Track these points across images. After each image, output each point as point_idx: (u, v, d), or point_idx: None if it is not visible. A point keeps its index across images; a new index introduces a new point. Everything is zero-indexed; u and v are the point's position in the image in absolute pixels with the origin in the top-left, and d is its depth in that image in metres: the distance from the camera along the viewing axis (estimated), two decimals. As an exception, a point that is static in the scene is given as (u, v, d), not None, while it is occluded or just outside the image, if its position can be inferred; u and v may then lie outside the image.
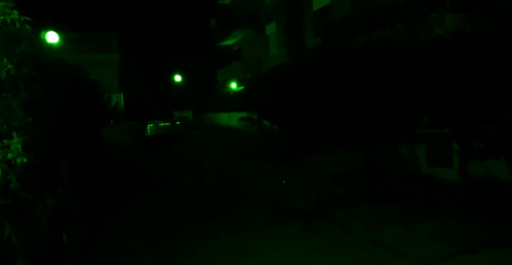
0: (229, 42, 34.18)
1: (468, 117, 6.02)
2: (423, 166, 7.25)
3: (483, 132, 5.86)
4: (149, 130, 21.54)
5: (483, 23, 5.95)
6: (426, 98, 6.64)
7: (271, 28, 27.17)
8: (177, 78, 35.01)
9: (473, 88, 5.84)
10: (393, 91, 7.32)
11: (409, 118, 7.13)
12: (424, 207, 5.93)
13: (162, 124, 21.61)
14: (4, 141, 3.02)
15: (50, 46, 6.47)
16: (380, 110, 7.65)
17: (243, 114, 23.55)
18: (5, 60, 3.11)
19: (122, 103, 28.45)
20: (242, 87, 27.06)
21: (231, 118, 27.12)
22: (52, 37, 14.17)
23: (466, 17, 6.60)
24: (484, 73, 5.70)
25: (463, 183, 6.38)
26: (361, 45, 8.26)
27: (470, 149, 6.14)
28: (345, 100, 8.51)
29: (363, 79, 7.93)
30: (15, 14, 3.05)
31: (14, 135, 3.02)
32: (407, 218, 5.46)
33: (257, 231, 5.47)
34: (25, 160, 3.12)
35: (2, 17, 2.99)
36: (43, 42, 5.81)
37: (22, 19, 3.15)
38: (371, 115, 7.94)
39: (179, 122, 22.14)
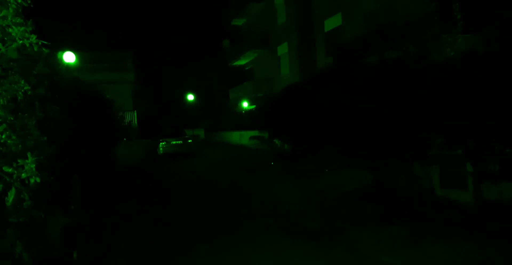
0: (241, 62, 34.58)
1: (482, 138, 5.95)
2: (436, 188, 7.14)
3: (497, 154, 5.78)
4: (161, 148, 21.74)
5: (494, 44, 5.94)
6: (438, 119, 6.59)
7: (282, 49, 27.45)
8: (190, 97, 35.34)
9: (486, 109, 5.79)
10: (406, 111, 7.29)
11: (422, 139, 7.07)
12: (438, 229, 5.81)
13: (174, 142, 21.79)
14: (18, 160, 3.07)
15: (66, 67, 6.59)
16: (393, 131, 7.61)
17: (254, 133, 23.59)
18: (22, 82, 3.19)
19: (136, 122, 28.73)
20: (253, 106, 27.21)
21: (242, 137, 27.20)
22: (69, 57, 14.47)
23: (479, 38, 6.59)
24: (497, 94, 5.66)
25: (477, 205, 6.26)
26: (372, 65, 8.28)
27: (484, 170, 6.04)
28: (357, 120, 8.48)
29: (375, 99, 7.92)
30: (33, 38, 3.16)
31: (29, 155, 3.06)
32: (420, 241, 5.35)
33: (265, 251, 5.40)
34: (38, 180, 3.16)
35: (21, 42, 3.08)
36: (59, 62, 5.94)
37: (40, 43, 3.25)
38: (383, 135, 7.89)
39: (191, 141, 22.28)
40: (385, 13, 16.24)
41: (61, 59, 13.24)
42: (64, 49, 14.33)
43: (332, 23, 21.67)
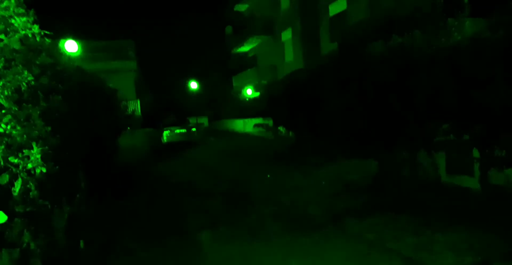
0: (244, 49, 34.32)
1: (489, 124, 5.90)
2: (442, 174, 7.10)
3: (504, 139, 5.72)
4: (165, 137, 21.77)
5: (501, 30, 5.84)
6: (445, 104, 6.53)
7: (286, 35, 27.19)
8: (193, 85, 35.25)
9: (493, 95, 5.72)
10: (412, 97, 7.22)
11: (428, 125, 7.01)
12: (444, 216, 5.78)
13: (178, 131, 21.81)
14: (24, 151, 3.07)
15: (68, 56, 6.58)
16: (398, 118, 7.55)
17: (258, 120, 23.57)
18: (25, 73, 3.17)
19: (139, 110, 28.75)
20: (257, 94, 27.12)
21: (246, 125, 27.17)
22: (71, 46, 14.43)
23: (487, 22, 6.49)
24: (505, 79, 5.59)
25: (484, 192, 6.23)
26: (378, 52, 8.19)
27: (491, 156, 5.99)
28: (362, 106, 8.43)
29: (380, 86, 7.85)
30: (36, 28, 3.14)
31: (34, 145, 3.06)
32: (426, 228, 5.34)
33: (270, 241, 5.41)
34: (44, 170, 3.18)
35: (24, 32, 3.06)
36: (62, 52, 5.92)
37: (42, 33, 3.23)
38: (388, 122, 7.84)
39: (194, 129, 22.30)
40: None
41: (63, 49, 13.18)
42: (65, 38, 14.28)
43: (336, 8, 21.39)
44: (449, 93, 6.42)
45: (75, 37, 15.74)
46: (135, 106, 28.12)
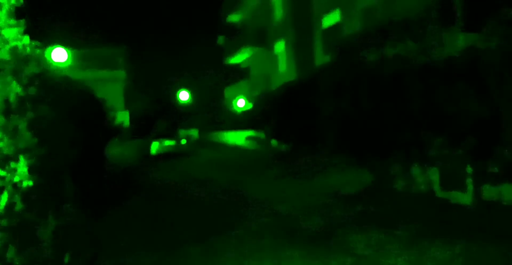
0: (237, 59, 34.32)
1: (483, 139, 5.88)
2: (436, 189, 7.06)
3: (497, 154, 5.71)
4: (154, 149, 21.49)
5: (494, 40, 5.88)
6: (438, 117, 6.52)
7: (280, 46, 27.27)
8: (184, 95, 35.14)
9: (487, 108, 5.72)
10: (405, 110, 7.20)
11: (422, 136, 6.99)
12: (438, 231, 5.71)
13: (167, 143, 21.58)
14: (11, 163, 2.97)
15: (57, 66, 6.50)
16: (392, 130, 7.52)
17: (250, 133, 23.45)
18: (14, 83, 3.08)
19: (128, 121, 28.51)
20: (250, 105, 27.05)
21: (238, 137, 27.03)
22: (60, 54, 14.28)
23: (479, 35, 6.53)
24: (497, 92, 5.59)
25: (477, 207, 6.19)
26: (372, 63, 8.20)
27: (484, 172, 5.97)
28: (355, 118, 8.38)
29: (373, 98, 7.83)
30: (26, 39, 3.10)
31: (21, 158, 2.96)
32: (420, 243, 5.26)
33: (261, 253, 5.31)
34: (31, 184, 3.09)
35: (14, 43, 3.00)
36: (50, 61, 5.85)
37: (33, 44, 3.18)
38: (383, 135, 7.80)
39: (184, 141, 22.12)
40: (384, 9, 16.19)
41: (51, 58, 13.04)
42: (54, 45, 14.13)
43: (330, 19, 21.52)
44: (442, 104, 6.42)
45: (64, 44, 15.58)
46: (124, 117, 27.90)
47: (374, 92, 7.80)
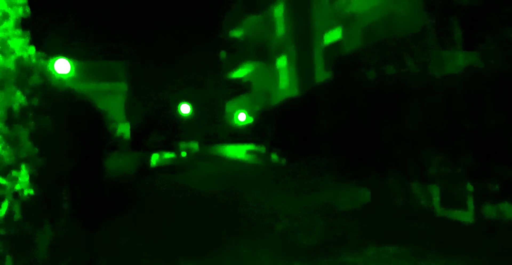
0: (238, 74, 34.53)
1: (482, 157, 5.90)
2: (436, 206, 7.04)
3: (497, 173, 5.72)
4: (154, 161, 21.45)
5: (492, 59, 5.95)
6: (437, 136, 6.54)
7: (281, 62, 27.47)
8: (185, 108, 35.17)
9: (486, 128, 5.75)
10: (404, 128, 7.23)
11: (421, 156, 7.00)
12: (437, 249, 5.66)
13: (167, 155, 21.54)
14: (13, 172, 2.99)
15: (59, 77, 6.55)
16: (391, 147, 7.54)
17: (251, 147, 23.47)
18: (18, 93, 3.12)
19: (128, 133, 28.51)
20: (251, 120, 27.12)
21: (238, 151, 26.99)
22: (62, 65, 14.39)
23: (479, 55, 6.60)
24: (497, 111, 5.63)
25: (478, 225, 6.17)
26: (371, 81, 8.27)
27: (484, 190, 5.97)
28: (353, 134, 8.42)
29: (372, 115, 7.88)
30: (32, 50, 3.14)
31: (23, 167, 2.98)
32: (418, 260, 5.24)
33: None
34: (32, 192, 3.10)
35: (20, 53, 3.05)
36: (52, 72, 5.91)
37: (38, 55, 3.23)
38: (380, 151, 7.82)
39: (184, 154, 22.10)
40: (385, 27, 16.39)
41: (53, 69, 13.11)
42: (56, 57, 14.23)
43: (332, 36, 21.74)
44: (441, 123, 6.45)
45: (66, 56, 15.69)
46: (125, 129, 27.90)
47: (372, 110, 7.85)
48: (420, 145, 6.92)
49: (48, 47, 3.67)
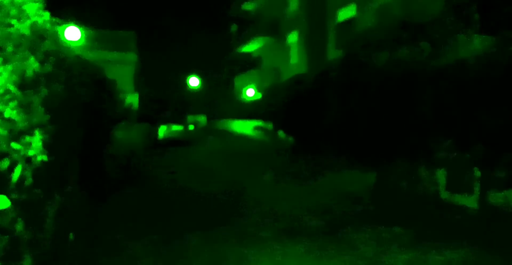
0: (248, 49, 34.17)
1: (490, 143, 5.87)
2: (441, 191, 7.06)
3: (505, 160, 5.70)
4: (161, 133, 21.60)
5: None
6: (448, 121, 6.50)
7: (292, 37, 27.09)
8: (194, 82, 35.07)
9: (497, 115, 5.69)
10: (414, 112, 7.18)
11: (430, 140, 6.97)
12: (440, 233, 5.75)
13: (175, 128, 21.66)
14: (26, 137, 3.01)
15: (70, 44, 6.52)
16: (400, 130, 7.51)
17: (258, 123, 23.48)
18: (32, 59, 3.10)
19: (137, 104, 28.55)
20: (259, 95, 27.02)
21: (245, 126, 27.04)
22: (73, 33, 14.30)
23: (496, 40, 6.47)
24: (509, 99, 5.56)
25: (482, 211, 6.20)
26: (383, 62, 8.15)
27: (491, 176, 5.97)
28: (364, 116, 8.37)
29: (383, 98, 7.81)
30: (46, 15, 3.10)
31: (37, 133, 3.00)
32: (422, 244, 5.29)
33: (264, 248, 5.33)
34: (45, 158, 3.12)
35: (35, 18, 3.01)
36: (64, 39, 5.87)
37: (54, 21, 3.20)
38: (390, 134, 7.79)
39: (192, 127, 22.19)
40: (401, 7, 16.06)
41: (64, 36, 12.98)
42: (67, 24, 14.09)
43: (345, 14, 21.35)
44: (452, 109, 6.39)
45: (76, 23, 15.56)
46: (133, 100, 27.91)
47: (383, 93, 7.77)
48: (430, 129, 6.88)
49: (59, 13, 3.62)
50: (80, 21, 18.52)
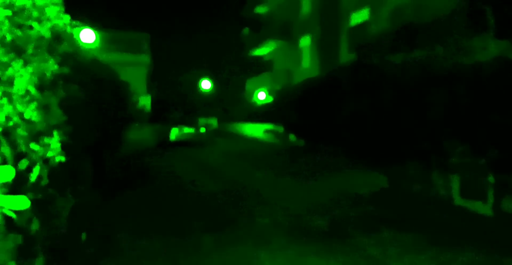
0: (260, 52, 34.28)
1: (506, 150, 5.81)
2: (455, 196, 7.00)
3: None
4: (173, 135, 21.78)
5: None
6: (462, 125, 6.45)
7: (305, 41, 27.11)
8: (206, 84, 35.24)
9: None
10: (428, 114, 7.14)
11: (442, 146, 6.92)
12: (453, 239, 5.67)
13: (186, 130, 21.83)
14: (45, 139, 3.07)
15: (85, 47, 6.63)
16: (413, 133, 7.47)
17: (269, 126, 23.52)
18: (51, 61, 3.17)
19: (149, 106, 28.82)
20: (270, 99, 27.07)
21: (256, 129, 27.10)
22: (88, 35, 14.51)
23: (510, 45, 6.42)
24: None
25: (496, 219, 6.14)
26: (397, 66, 8.12)
27: (506, 183, 5.91)
28: (375, 121, 8.34)
29: (395, 102, 7.78)
30: (67, 18, 3.17)
31: (55, 134, 3.06)
32: (433, 250, 5.24)
33: (271, 250, 5.31)
34: (63, 159, 3.18)
35: (56, 21, 3.08)
36: (80, 41, 5.97)
37: (73, 24, 3.26)
38: (402, 139, 7.76)
39: (203, 129, 22.32)
40: (414, 10, 15.99)
41: (79, 38, 13.17)
42: (82, 27, 14.30)
43: (358, 17, 21.33)
44: (467, 112, 6.34)
45: (91, 26, 15.78)
46: (146, 101, 28.19)
47: (396, 96, 7.74)
48: (444, 134, 6.83)
49: (73, 15, 3.69)
50: (94, 22, 18.77)
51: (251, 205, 7.90)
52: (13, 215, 2.42)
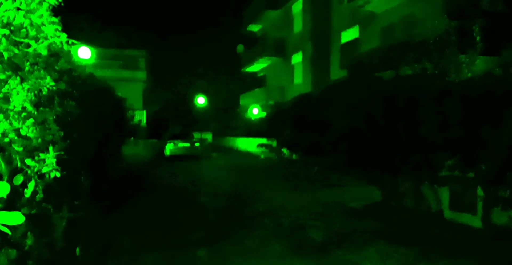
0: (254, 68, 34.63)
1: (495, 163, 5.90)
2: (445, 209, 7.07)
3: (510, 179, 5.73)
4: (168, 150, 21.80)
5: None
6: (452, 139, 6.55)
7: (297, 58, 27.47)
8: (201, 100, 35.32)
9: (502, 135, 5.74)
10: (418, 130, 7.25)
11: (433, 159, 7.01)
12: (443, 251, 5.72)
13: (181, 144, 21.86)
14: (40, 154, 3.12)
15: (83, 63, 6.71)
16: (404, 149, 7.57)
17: (263, 140, 23.62)
18: (48, 78, 3.25)
19: (144, 121, 28.86)
20: (264, 114, 27.24)
21: (250, 144, 27.20)
22: (84, 52, 14.64)
23: (497, 62, 6.59)
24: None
25: (486, 231, 6.21)
26: (388, 81, 8.26)
27: (495, 196, 5.99)
28: (368, 136, 8.44)
29: (387, 117, 7.89)
30: (63, 37, 3.23)
31: (51, 149, 3.11)
32: (423, 262, 5.29)
33: (267, 261, 5.36)
34: (58, 175, 3.21)
35: (53, 40, 3.15)
36: (77, 58, 6.06)
37: (70, 42, 3.33)
38: (394, 153, 7.85)
39: (198, 144, 22.34)
40: (403, 28, 16.28)
41: (76, 55, 13.33)
42: (79, 44, 14.42)
43: (348, 35, 21.68)
44: (456, 127, 6.45)
45: (87, 43, 15.93)
46: (141, 117, 28.26)
47: (388, 112, 7.86)
48: (434, 148, 6.92)
49: (71, 34, 3.77)
50: (91, 40, 18.98)
51: (246, 219, 7.94)
52: (8, 231, 2.42)
